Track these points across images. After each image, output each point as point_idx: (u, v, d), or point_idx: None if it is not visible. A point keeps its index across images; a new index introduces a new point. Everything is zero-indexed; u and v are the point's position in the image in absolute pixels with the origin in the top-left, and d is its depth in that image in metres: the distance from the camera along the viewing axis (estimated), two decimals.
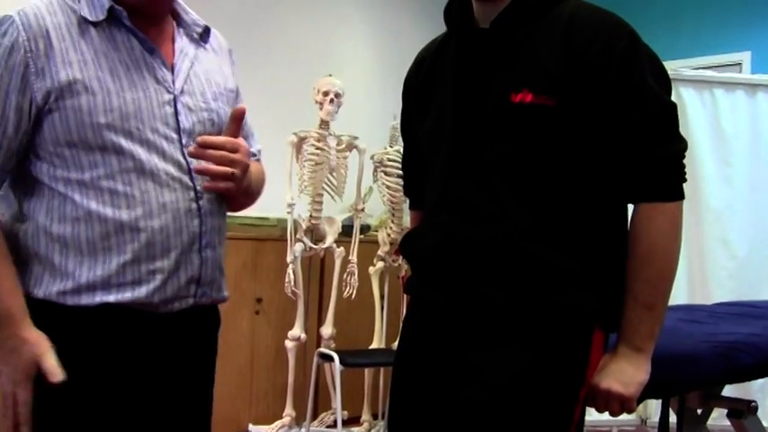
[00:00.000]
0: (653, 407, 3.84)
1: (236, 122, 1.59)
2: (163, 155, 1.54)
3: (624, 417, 3.67)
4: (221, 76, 1.71)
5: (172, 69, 1.59)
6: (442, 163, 1.61)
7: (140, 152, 1.51)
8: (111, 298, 1.51)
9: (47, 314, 1.52)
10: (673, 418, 2.31)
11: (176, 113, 1.57)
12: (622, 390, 1.51)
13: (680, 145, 1.52)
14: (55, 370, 1.48)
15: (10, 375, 1.49)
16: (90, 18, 1.52)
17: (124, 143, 1.50)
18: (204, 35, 1.70)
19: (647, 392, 1.57)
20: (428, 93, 1.69)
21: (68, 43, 1.50)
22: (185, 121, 1.58)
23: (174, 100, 1.57)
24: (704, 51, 5.44)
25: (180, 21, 1.67)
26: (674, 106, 1.52)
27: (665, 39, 5.32)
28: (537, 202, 1.51)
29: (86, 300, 1.51)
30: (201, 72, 1.65)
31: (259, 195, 1.81)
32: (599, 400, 1.54)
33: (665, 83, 1.53)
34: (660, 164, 1.49)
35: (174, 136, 1.56)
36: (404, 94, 1.79)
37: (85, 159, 1.50)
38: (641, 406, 3.63)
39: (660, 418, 2.23)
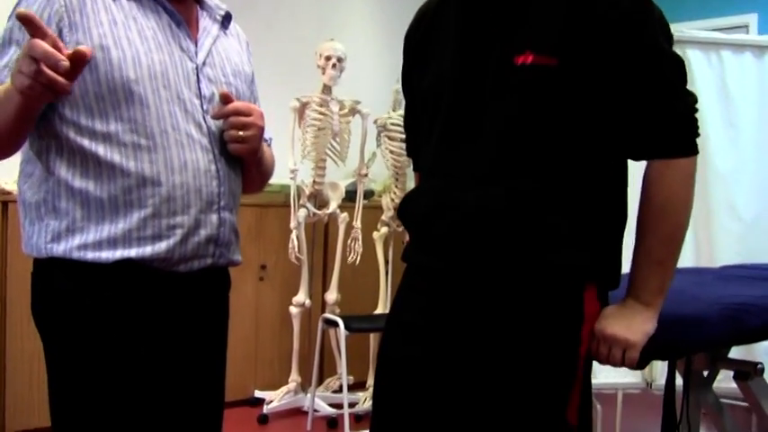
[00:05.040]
0: (659, 369, 3.83)
1: (227, 104, 1.64)
2: (185, 115, 1.60)
3: (629, 379, 3.68)
4: (239, 58, 1.79)
5: (195, 44, 1.67)
6: (440, 123, 1.59)
7: (165, 110, 1.57)
8: (132, 253, 1.53)
9: (66, 272, 1.54)
10: (679, 381, 2.31)
11: (198, 81, 1.64)
12: (629, 335, 1.51)
13: (691, 99, 1.51)
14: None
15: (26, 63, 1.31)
16: None
17: (150, 99, 1.55)
18: (225, 20, 1.78)
19: (654, 354, 1.56)
20: (428, 48, 1.66)
21: (100, 6, 1.55)
22: (206, 90, 1.65)
23: (197, 69, 1.64)
24: (711, 13, 5.37)
25: (203, 5, 1.75)
26: (682, 61, 1.52)
27: (671, 1, 5.25)
28: (533, 163, 1.49)
29: (107, 254, 1.53)
30: (222, 50, 1.73)
31: (269, 178, 1.90)
32: (602, 346, 1.53)
33: (670, 37, 1.52)
34: (674, 119, 1.49)
35: (196, 101, 1.62)
36: (404, 49, 1.77)
37: (112, 113, 1.53)
38: (647, 368, 3.63)
39: (666, 381, 2.23)
